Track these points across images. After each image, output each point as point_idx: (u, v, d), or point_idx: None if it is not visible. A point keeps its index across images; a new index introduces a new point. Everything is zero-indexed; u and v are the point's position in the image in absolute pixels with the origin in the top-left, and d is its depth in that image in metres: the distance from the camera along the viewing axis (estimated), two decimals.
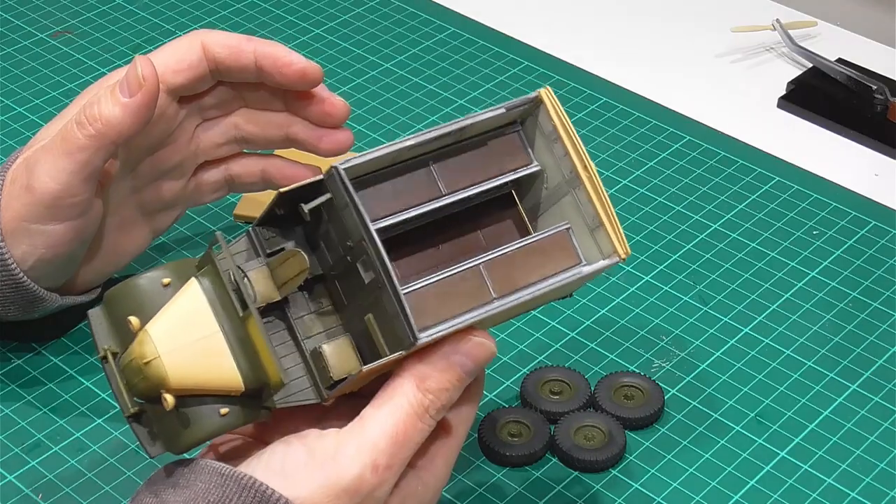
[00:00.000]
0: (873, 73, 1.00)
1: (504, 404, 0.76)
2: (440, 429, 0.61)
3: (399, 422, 0.58)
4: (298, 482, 0.57)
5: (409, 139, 0.61)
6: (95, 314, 0.61)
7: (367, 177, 0.60)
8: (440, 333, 0.59)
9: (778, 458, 0.74)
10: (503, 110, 0.63)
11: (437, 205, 0.62)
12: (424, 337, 0.58)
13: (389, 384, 0.59)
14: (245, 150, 0.80)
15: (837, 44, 1.05)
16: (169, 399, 0.57)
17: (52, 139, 0.71)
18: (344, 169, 0.58)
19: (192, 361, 0.58)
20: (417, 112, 0.98)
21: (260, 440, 0.63)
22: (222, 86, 0.77)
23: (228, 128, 0.78)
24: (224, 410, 0.59)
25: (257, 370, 0.59)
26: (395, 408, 0.58)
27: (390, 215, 0.61)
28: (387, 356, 0.59)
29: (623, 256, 0.62)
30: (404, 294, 0.58)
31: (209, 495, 0.57)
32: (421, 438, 0.59)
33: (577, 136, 0.63)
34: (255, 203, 0.88)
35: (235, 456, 0.61)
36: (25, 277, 0.72)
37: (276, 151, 0.81)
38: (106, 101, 0.70)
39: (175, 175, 0.78)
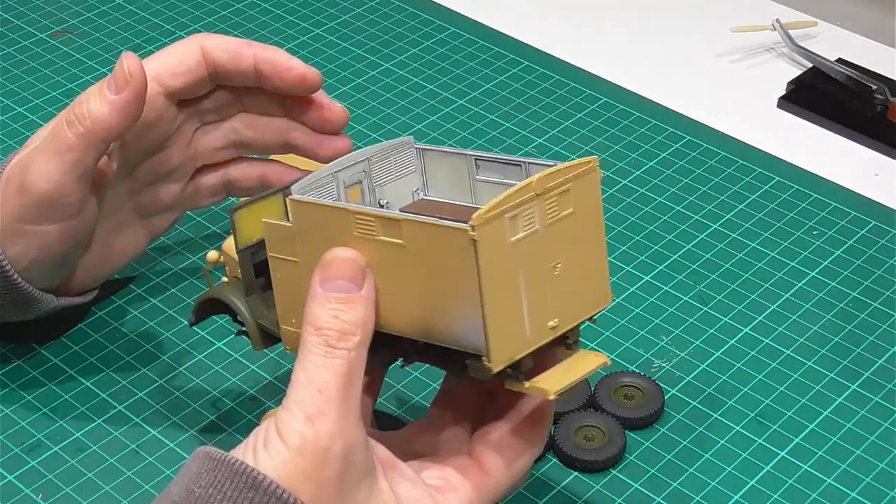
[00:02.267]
0: (873, 73, 1.00)
1: None
2: (474, 462, 0.61)
3: (308, 370, 0.58)
4: (263, 456, 0.57)
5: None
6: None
7: None
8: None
9: (778, 458, 0.74)
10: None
11: None
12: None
13: None
14: (244, 155, 0.80)
15: (837, 44, 1.05)
16: None
17: (44, 140, 0.71)
18: None
19: None
20: (417, 112, 0.98)
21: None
22: (221, 90, 0.77)
23: (227, 132, 0.78)
24: None
25: None
26: (301, 361, 0.58)
27: None
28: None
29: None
30: None
31: (201, 479, 0.57)
32: (339, 376, 0.58)
33: None
34: None
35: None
36: (20, 278, 0.72)
37: (275, 156, 0.81)
38: (94, 99, 0.70)
39: (173, 178, 0.78)
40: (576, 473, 0.73)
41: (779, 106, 1.00)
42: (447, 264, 0.57)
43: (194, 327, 0.77)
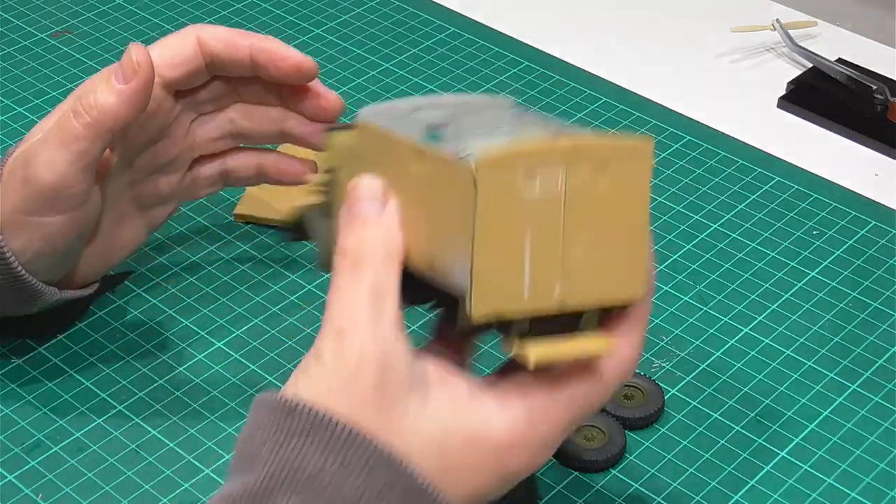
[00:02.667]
0: (873, 73, 1.00)
1: None
2: (549, 384, 0.59)
3: (336, 291, 0.59)
4: (302, 382, 0.58)
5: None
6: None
7: None
8: None
9: (778, 458, 0.74)
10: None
11: None
12: None
13: None
14: (241, 145, 0.80)
15: (837, 44, 1.05)
16: None
17: (49, 131, 0.71)
18: None
19: None
20: None
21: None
22: (217, 80, 0.77)
23: (223, 122, 0.78)
24: None
25: None
26: (331, 285, 0.59)
27: None
28: None
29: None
30: None
31: (248, 421, 0.58)
32: (365, 288, 0.58)
33: None
34: (256, 201, 0.88)
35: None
36: (23, 271, 0.72)
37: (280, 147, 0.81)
38: (101, 89, 0.70)
39: (171, 169, 0.78)
40: (576, 473, 0.73)
41: (779, 106, 1.00)
42: (453, 200, 0.56)
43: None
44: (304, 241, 0.72)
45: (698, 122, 0.98)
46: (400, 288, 0.60)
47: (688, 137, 0.96)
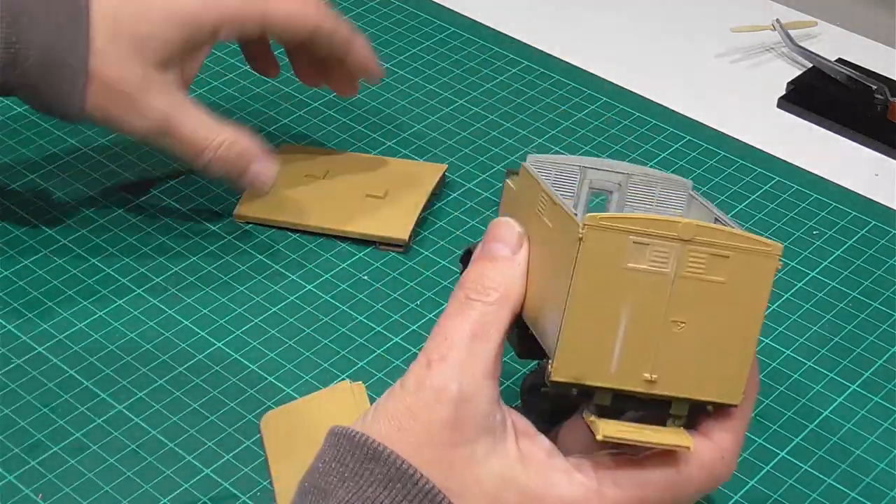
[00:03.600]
0: (873, 73, 1.00)
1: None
2: (628, 467, 0.58)
3: (441, 321, 0.58)
4: (381, 401, 0.58)
5: None
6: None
7: None
8: None
9: (778, 458, 0.74)
10: None
11: None
12: None
13: None
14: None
15: (837, 44, 1.05)
16: None
17: None
18: None
19: None
20: (417, 112, 0.98)
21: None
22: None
23: None
24: None
25: None
26: (441, 314, 0.59)
27: None
28: None
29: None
30: None
31: (325, 454, 0.58)
32: (467, 323, 0.57)
33: None
34: (256, 202, 0.88)
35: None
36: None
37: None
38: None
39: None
40: None
41: (779, 106, 1.00)
42: (562, 257, 0.56)
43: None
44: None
45: (698, 122, 0.98)
46: (513, 336, 0.59)
47: (688, 137, 0.96)
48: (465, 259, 0.64)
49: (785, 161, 0.95)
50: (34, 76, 0.77)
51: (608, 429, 0.56)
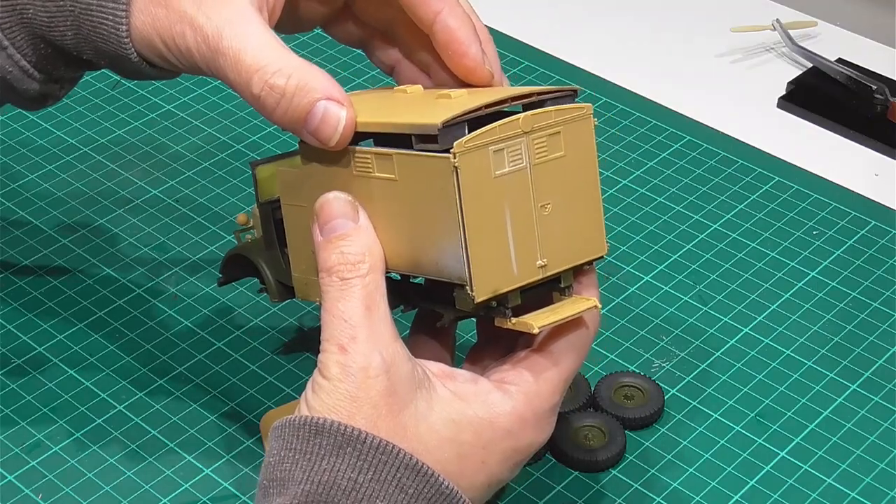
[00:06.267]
0: (873, 73, 1.00)
1: None
2: (539, 354, 0.61)
3: (329, 308, 0.60)
4: (314, 402, 0.59)
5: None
6: None
7: None
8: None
9: (778, 458, 0.74)
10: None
11: None
12: None
13: None
14: None
15: (837, 44, 1.05)
16: None
17: None
18: None
19: None
20: None
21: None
22: None
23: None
24: None
25: None
26: (323, 303, 0.60)
27: None
28: None
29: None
30: None
31: (272, 449, 0.59)
32: (359, 299, 0.59)
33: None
34: None
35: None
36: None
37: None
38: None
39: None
40: (576, 473, 0.73)
41: (779, 106, 1.00)
42: (432, 194, 0.58)
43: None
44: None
45: (698, 122, 0.98)
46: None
47: (688, 137, 0.96)
48: (228, 266, 0.70)
49: (785, 161, 0.95)
50: (82, 17, 0.65)
51: (539, 320, 0.59)
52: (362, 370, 0.58)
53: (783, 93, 1.01)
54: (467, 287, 0.58)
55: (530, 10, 1.10)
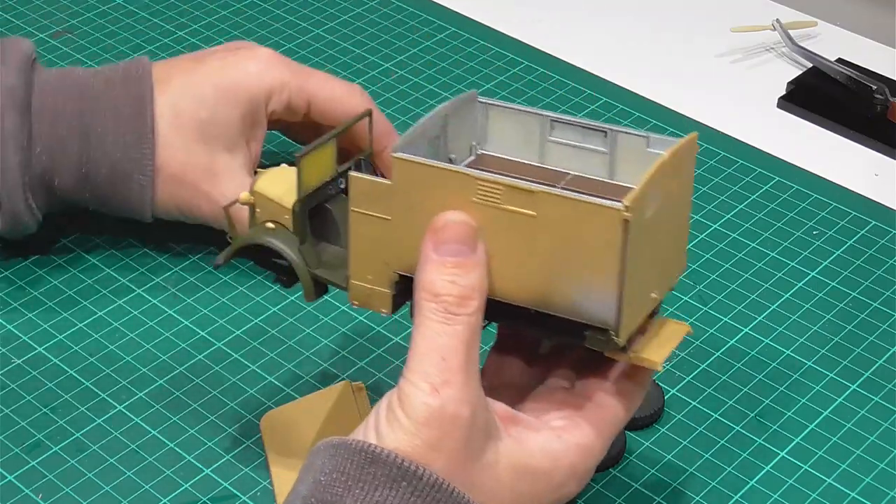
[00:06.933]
0: (873, 73, 1.00)
1: None
2: (586, 401, 0.62)
3: (428, 339, 0.58)
4: (387, 433, 0.58)
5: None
6: None
7: None
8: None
9: (778, 458, 0.74)
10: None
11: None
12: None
13: None
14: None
15: (837, 44, 1.05)
16: None
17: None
18: None
19: None
20: (417, 112, 0.98)
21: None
22: None
23: None
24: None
25: None
26: (420, 329, 0.59)
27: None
28: None
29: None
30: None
31: (324, 468, 0.58)
32: (462, 342, 0.58)
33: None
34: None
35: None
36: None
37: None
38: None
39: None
40: None
41: (779, 106, 1.00)
42: (586, 239, 0.57)
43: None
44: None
45: (698, 122, 0.98)
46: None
47: None
48: (239, 253, 0.68)
49: (785, 161, 0.95)
50: (105, 189, 0.80)
51: (657, 356, 0.61)
52: (450, 421, 0.57)
53: (783, 93, 1.01)
54: (611, 332, 0.58)
55: (531, 11, 1.10)
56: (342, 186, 0.67)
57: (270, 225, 0.67)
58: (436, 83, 1.01)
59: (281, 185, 0.67)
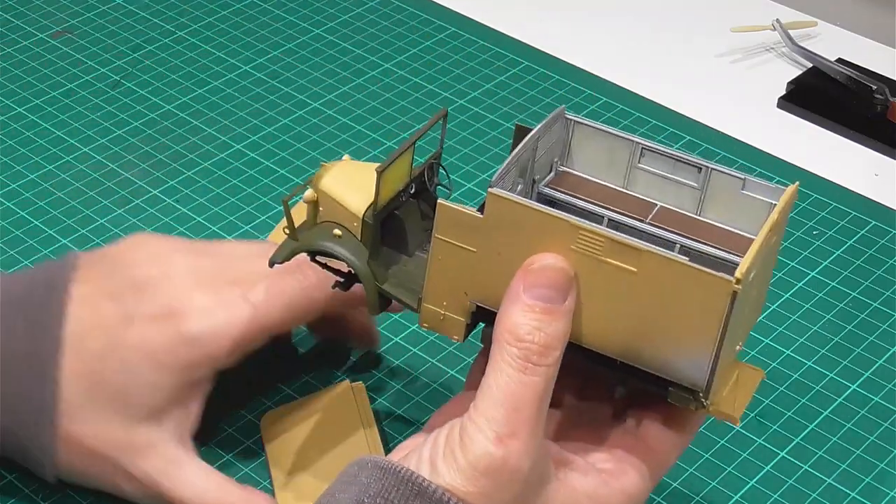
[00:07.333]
0: (873, 73, 1.00)
1: None
2: (637, 441, 0.61)
3: (503, 384, 0.56)
4: (443, 470, 0.56)
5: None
6: None
7: None
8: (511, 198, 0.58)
9: (778, 458, 0.74)
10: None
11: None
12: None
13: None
14: None
15: (837, 44, 1.05)
16: None
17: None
18: None
19: None
20: (417, 112, 0.98)
21: None
22: None
23: None
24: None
25: None
26: (495, 371, 0.57)
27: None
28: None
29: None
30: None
31: (370, 488, 0.56)
32: (536, 394, 0.56)
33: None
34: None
35: None
36: None
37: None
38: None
39: None
40: None
41: (779, 106, 1.00)
42: (688, 303, 0.56)
43: None
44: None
45: (698, 122, 0.98)
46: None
47: (688, 137, 0.96)
48: (295, 253, 0.64)
49: (785, 161, 0.95)
50: (10, 450, 0.70)
51: (735, 410, 0.59)
52: (510, 473, 0.56)
53: (783, 93, 1.01)
54: (700, 394, 0.57)
55: (530, 10, 1.10)
56: (412, 192, 0.65)
57: (338, 232, 0.63)
58: (436, 83, 1.01)
59: (347, 183, 0.64)
